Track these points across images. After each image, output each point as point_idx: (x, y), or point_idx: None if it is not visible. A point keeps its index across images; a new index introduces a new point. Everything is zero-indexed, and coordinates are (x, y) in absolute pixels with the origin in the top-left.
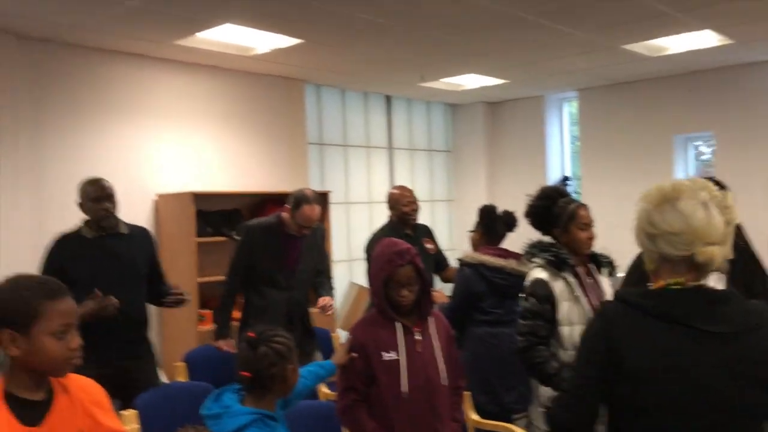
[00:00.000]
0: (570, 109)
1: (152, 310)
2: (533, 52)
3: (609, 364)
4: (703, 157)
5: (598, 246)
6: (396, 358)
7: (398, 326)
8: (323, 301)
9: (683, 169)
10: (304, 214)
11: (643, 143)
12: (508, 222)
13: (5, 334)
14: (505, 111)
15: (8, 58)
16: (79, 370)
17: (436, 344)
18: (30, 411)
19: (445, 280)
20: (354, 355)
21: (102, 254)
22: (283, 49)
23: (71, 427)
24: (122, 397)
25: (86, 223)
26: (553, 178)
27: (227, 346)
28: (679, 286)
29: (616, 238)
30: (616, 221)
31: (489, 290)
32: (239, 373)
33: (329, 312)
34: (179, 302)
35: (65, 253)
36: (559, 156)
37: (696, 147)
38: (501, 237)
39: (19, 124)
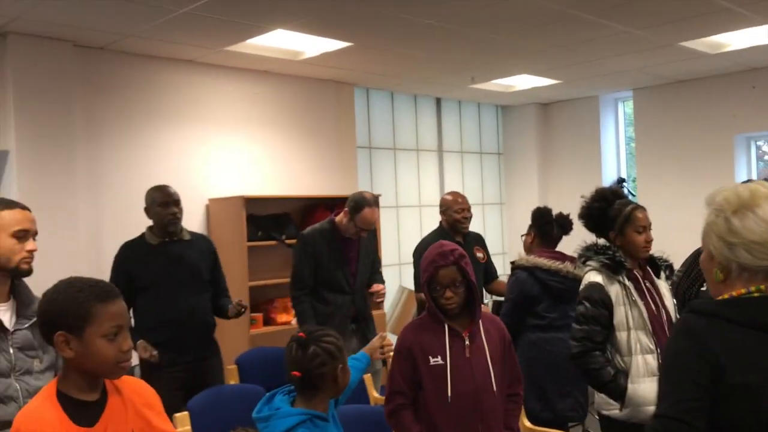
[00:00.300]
0: (625, 108)
1: None
2: (587, 51)
3: (715, 382)
4: (766, 158)
5: (656, 249)
6: (442, 363)
7: (446, 330)
8: (377, 287)
9: (745, 171)
10: (364, 217)
11: (702, 143)
12: (562, 225)
13: (59, 337)
14: (558, 112)
15: (65, 67)
16: (151, 371)
17: (488, 349)
18: (84, 411)
19: (492, 292)
20: (387, 355)
21: (167, 260)
22: (332, 53)
23: (124, 427)
24: (191, 394)
25: (150, 229)
26: (608, 179)
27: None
28: (759, 294)
29: (674, 241)
30: (673, 223)
31: (544, 294)
32: (290, 374)
33: (380, 300)
34: (240, 314)
35: (131, 260)
36: (614, 157)
37: (758, 147)
38: (556, 240)
39: (75, 130)
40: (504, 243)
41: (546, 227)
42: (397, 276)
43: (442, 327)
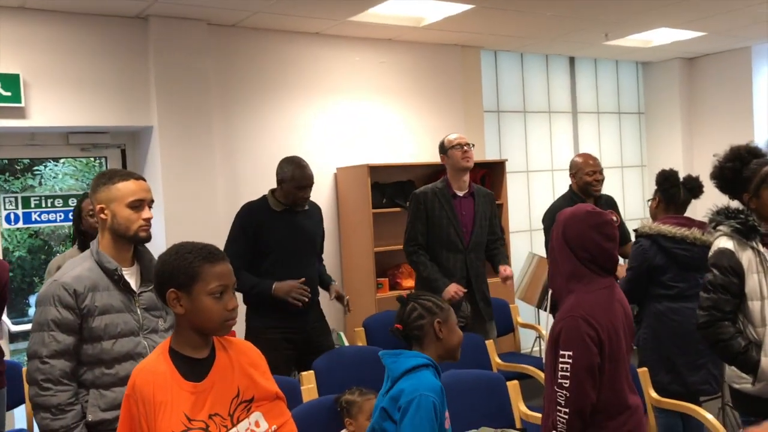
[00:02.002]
0: None
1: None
2: None
3: None
4: None
5: None
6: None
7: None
8: (505, 271)
9: None
10: (455, 156)
11: None
12: (691, 188)
13: (171, 294)
14: (704, 66)
15: (200, 45)
16: (267, 334)
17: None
18: (193, 367)
19: (624, 255)
20: None
21: (289, 228)
22: (454, 17)
23: (230, 384)
24: (303, 360)
25: (273, 194)
26: (761, 139)
27: (456, 290)
28: None
29: None
30: None
31: (669, 263)
32: (393, 327)
33: (509, 282)
34: (342, 300)
35: (254, 222)
36: None
37: None
38: (684, 205)
39: (211, 105)
40: (645, 207)
41: (671, 191)
42: (527, 242)
43: (609, 289)
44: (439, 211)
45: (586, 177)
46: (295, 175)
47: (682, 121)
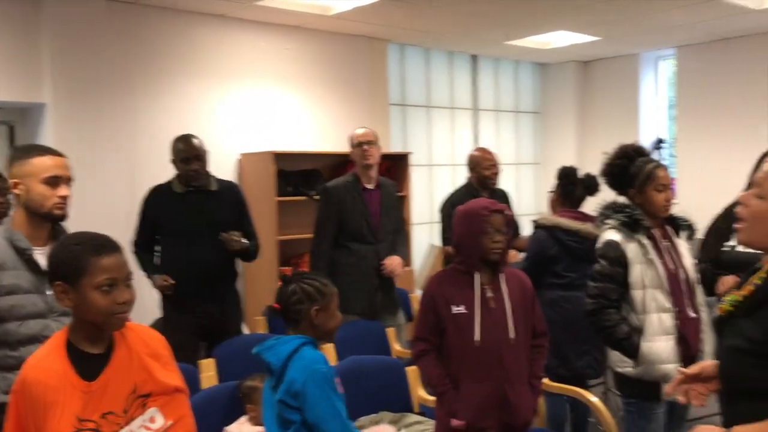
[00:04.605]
0: (667, 67)
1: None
2: (628, 6)
3: None
4: None
5: (679, 209)
6: (465, 311)
7: (477, 278)
8: (389, 262)
9: None
10: (356, 155)
11: (747, 103)
12: (588, 185)
13: (57, 287)
14: (597, 70)
15: (98, 22)
16: (176, 319)
17: (511, 301)
18: (89, 364)
19: (515, 247)
20: None
21: (188, 210)
22: (364, 8)
23: (126, 381)
24: (209, 341)
25: (178, 176)
26: (647, 140)
27: None
28: None
29: (713, 203)
30: (712, 185)
31: (563, 253)
32: (272, 305)
33: (391, 274)
34: (235, 245)
35: (157, 205)
36: (654, 117)
37: None
38: (580, 200)
39: (110, 83)
40: (538, 203)
41: (569, 187)
42: (429, 234)
43: (468, 278)
44: (352, 205)
45: (483, 171)
46: (177, 148)
47: (576, 121)
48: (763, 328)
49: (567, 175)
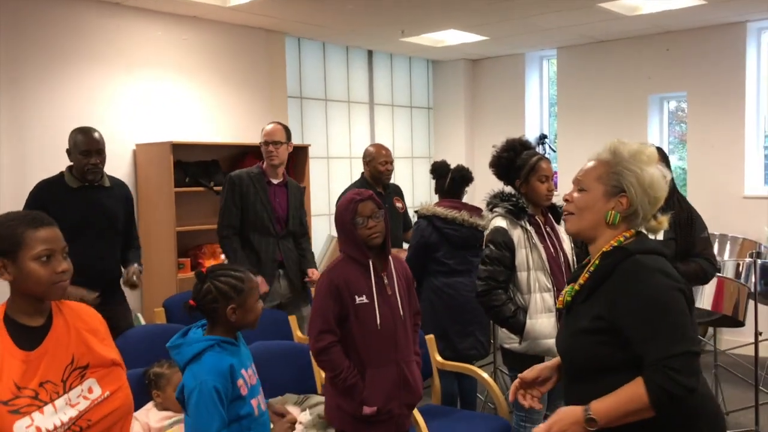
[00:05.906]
0: (550, 67)
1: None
2: (512, 8)
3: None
4: (683, 122)
5: (559, 198)
6: (366, 301)
7: (370, 268)
8: (312, 274)
9: (658, 129)
10: (263, 153)
11: (619, 102)
12: (461, 177)
13: None
14: (486, 68)
15: None
16: None
17: (399, 286)
18: (28, 335)
19: (407, 240)
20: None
21: (85, 206)
22: (260, 0)
23: (65, 351)
24: None
25: (69, 169)
26: (531, 135)
27: (262, 284)
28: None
29: None
30: None
31: (442, 241)
32: (188, 302)
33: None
34: (133, 285)
35: (48, 201)
36: (539, 114)
37: (679, 108)
38: (454, 192)
39: None
40: (431, 196)
41: (439, 181)
42: (327, 225)
43: (364, 266)
44: (254, 197)
45: (378, 166)
46: (77, 140)
47: (466, 117)
48: (605, 303)
49: (435, 170)
